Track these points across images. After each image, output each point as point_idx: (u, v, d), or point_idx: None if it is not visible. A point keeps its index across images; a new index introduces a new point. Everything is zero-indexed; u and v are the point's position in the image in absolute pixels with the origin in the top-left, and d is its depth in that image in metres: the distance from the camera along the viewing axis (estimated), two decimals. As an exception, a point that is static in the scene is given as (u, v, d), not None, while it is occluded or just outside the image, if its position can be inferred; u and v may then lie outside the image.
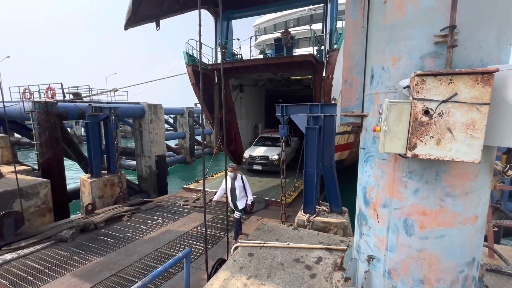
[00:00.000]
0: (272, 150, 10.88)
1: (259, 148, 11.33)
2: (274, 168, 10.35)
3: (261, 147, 11.37)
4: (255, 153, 10.91)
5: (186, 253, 2.92)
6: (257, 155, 10.76)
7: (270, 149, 10.98)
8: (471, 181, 1.79)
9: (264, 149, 11.24)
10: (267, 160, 10.59)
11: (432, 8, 1.73)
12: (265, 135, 12.53)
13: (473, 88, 1.48)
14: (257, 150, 11.06)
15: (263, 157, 10.67)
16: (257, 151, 11.06)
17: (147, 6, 7.93)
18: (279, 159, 9.79)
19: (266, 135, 12.40)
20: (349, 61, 2.39)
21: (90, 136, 7.93)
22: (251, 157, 10.84)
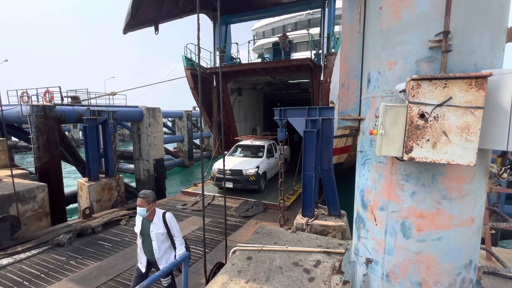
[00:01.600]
0: (248, 163, 8.89)
1: (232, 159, 9.41)
2: (248, 185, 8.37)
3: (235, 158, 9.61)
4: (228, 166, 8.66)
5: (184, 257, 2.91)
6: (228, 168, 8.50)
7: (246, 161, 9.07)
8: (467, 184, 1.81)
9: (239, 160, 9.27)
10: (240, 175, 8.43)
11: (426, 14, 1.77)
12: (244, 142, 10.35)
13: (467, 92, 1.50)
14: (229, 162, 9.01)
15: (236, 172, 8.47)
16: (229, 163, 8.92)
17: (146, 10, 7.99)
18: (256, 174, 8.34)
19: (245, 143, 10.26)
20: (346, 65, 2.42)
21: (88, 139, 7.91)
22: (220, 171, 8.33)
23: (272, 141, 10.55)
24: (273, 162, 9.76)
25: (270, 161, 9.47)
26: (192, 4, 9.11)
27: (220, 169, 8.54)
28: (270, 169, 9.49)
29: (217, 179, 8.80)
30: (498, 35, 1.75)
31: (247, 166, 8.66)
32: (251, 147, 10.08)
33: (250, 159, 9.21)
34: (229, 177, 8.42)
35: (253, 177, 8.40)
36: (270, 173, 9.64)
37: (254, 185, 8.46)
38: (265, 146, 9.75)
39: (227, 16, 11.37)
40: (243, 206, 7.60)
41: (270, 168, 9.48)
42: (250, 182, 8.44)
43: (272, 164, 9.65)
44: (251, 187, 8.50)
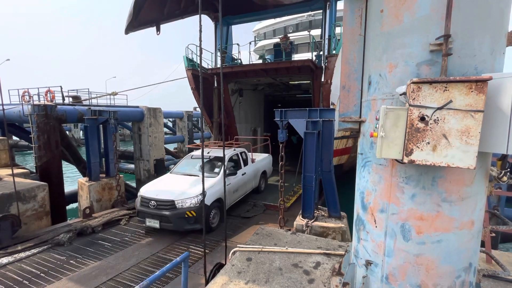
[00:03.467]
0: (190, 187, 6.03)
1: (169, 180, 6.65)
2: (185, 225, 5.61)
3: (175, 178, 6.70)
4: (153, 191, 6.01)
5: (184, 257, 2.91)
6: (154, 197, 5.82)
7: (188, 184, 6.18)
8: (467, 187, 1.82)
9: (177, 182, 6.38)
10: (172, 208, 5.61)
11: (427, 17, 1.78)
12: (198, 153, 7.69)
13: (468, 96, 1.51)
14: (161, 185, 6.37)
15: (164, 203, 5.69)
16: (160, 186, 6.29)
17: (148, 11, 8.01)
18: (198, 207, 5.60)
19: (198, 154, 7.47)
20: (347, 67, 2.43)
21: (89, 139, 7.92)
22: (144, 200, 5.90)
23: (242, 149, 8.10)
24: (238, 181, 7.11)
25: (234, 180, 6.87)
26: (193, 5, 9.14)
27: (146, 197, 5.86)
28: (233, 191, 6.88)
29: (141, 213, 5.89)
30: (499, 39, 1.76)
31: (184, 194, 5.74)
32: (206, 160, 7.13)
33: (197, 180, 6.20)
34: (152, 212, 5.69)
35: (193, 212, 5.57)
36: (234, 198, 7.03)
37: (195, 224, 5.64)
38: (225, 159, 6.75)
39: (229, 17, 11.40)
40: (243, 207, 7.60)
41: (234, 190, 6.85)
42: (188, 220, 5.59)
43: (237, 183, 7.05)
44: (189, 228, 5.64)
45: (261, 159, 9.04)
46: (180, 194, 5.80)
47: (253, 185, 8.29)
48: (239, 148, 8.14)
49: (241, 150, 8.15)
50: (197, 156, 7.56)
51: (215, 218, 6.25)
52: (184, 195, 5.79)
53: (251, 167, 8.17)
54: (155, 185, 6.48)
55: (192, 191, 5.87)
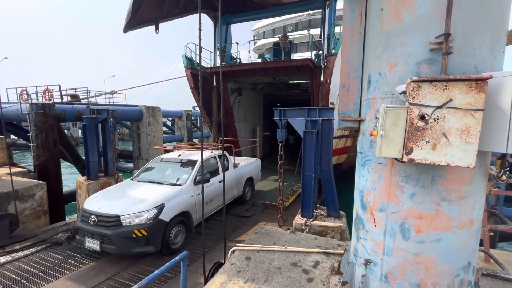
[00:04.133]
0: (148, 196, 4.99)
1: (122, 190, 5.59)
2: (132, 247, 4.50)
3: (132, 187, 5.65)
4: (98, 203, 5.01)
5: (183, 256, 2.91)
6: (96, 210, 4.77)
7: (146, 194, 5.13)
8: (467, 186, 1.82)
9: (133, 191, 5.38)
10: (116, 225, 4.52)
11: (427, 16, 1.77)
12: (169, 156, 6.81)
13: (468, 95, 1.51)
14: (111, 195, 5.41)
15: (106, 219, 4.61)
16: (109, 197, 5.32)
17: (147, 9, 7.98)
18: (152, 224, 4.54)
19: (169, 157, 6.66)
20: (347, 66, 2.43)
21: (87, 138, 7.89)
22: (84, 214, 4.85)
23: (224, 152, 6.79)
24: (214, 189, 6.07)
25: (208, 189, 5.68)
26: (193, 3, 9.11)
27: (87, 210, 4.81)
28: (207, 202, 5.70)
29: (80, 230, 4.83)
30: (499, 37, 1.76)
31: (133, 207, 4.64)
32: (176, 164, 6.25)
33: (159, 189, 5.24)
34: (91, 229, 4.59)
35: (143, 231, 4.43)
36: (207, 210, 5.92)
37: (146, 246, 4.52)
38: (198, 163, 5.96)
39: (228, 16, 11.37)
40: (242, 206, 7.60)
41: (207, 200, 5.75)
42: (136, 241, 4.45)
43: (212, 192, 6.01)
44: (138, 251, 4.50)
45: (246, 164, 7.99)
46: (128, 207, 4.65)
47: (234, 194, 7.26)
48: (218, 151, 6.99)
49: (219, 153, 6.85)
50: (168, 160, 6.49)
51: (178, 237, 5.08)
52: (133, 208, 4.63)
53: (232, 173, 7.08)
54: (105, 194, 5.40)
55: (145, 204, 4.70)
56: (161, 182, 5.68)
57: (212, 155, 6.75)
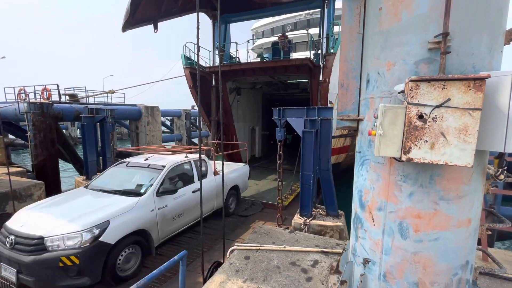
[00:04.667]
0: (91, 211, 4.00)
1: (65, 201, 4.55)
2: (54, 279, 3.43)
3: (80, 197, 4.68)
4: (23, 219, 3.93)
5: (181, 256, 2.90)
6: (17, 228, 3.71)
7: (92, 207, 4.17)
8: (465, 185, 1.82)
9: (76, 204, 4.43)
10: (37, 249, 3.45)
11: (426, 16, 1.77)
12: (135, 160, 5.80)
13: (466, 94, 1.51)
14: (47, 208, 4.28)
15: (27, 240, 3.54)
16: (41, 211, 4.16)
17: (145, 8, 7.96)
18: (87, 250, 3.50)
19: (135, 161, 5.70)
20: (346, 65, 2.43)
21: (86, 137, 7.88)
22: (3, 233, 3.84)
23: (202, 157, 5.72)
24: (185, 201, 5.21)
25: (175, 201, 4.96)
26: (191, 3, 9.10)
27: (8, 228, 3.81)
28: (174, 217, 4.93)
29: None
30: (497, 37, 1.76)
31: (64, 227, 3.62)
32: (143, 169, 5.29)
33: (111, 201, 4.31)
34: (7, 254, 3.56)
35: (73, 259, 3.43)
36: (176, 226, 5.07)
37: (79, 277, 3.51)
38: (165, 169, 5.08)
39: (227, 15, 11.35)
40: (241, 205, 7.60)
41: (175, 215, 4.95)
42: (65, 271, 3.47)
43: (183, 205, 5.15)
44: (67, 285, 3.47)
45: (230, 171, 7.01)
46: (58, 226, 3.60)
47: (214, 206, 6.31)
48: (192, 155, 6.16)
49: (196, 157, 5.93)
50: (135, 164, 5.50)
51: (130, 262, 4.13)
52: (65, 227, 3.58)
53: (211, 182, 6.12)
54: (43, 206, 4.34)
55: (83, 221, 3.66)
56: (117, 192, 4.69)
57: (185, 160, 5.75)
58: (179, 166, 5.56)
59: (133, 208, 4.24)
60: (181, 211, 5.16)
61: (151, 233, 4.45)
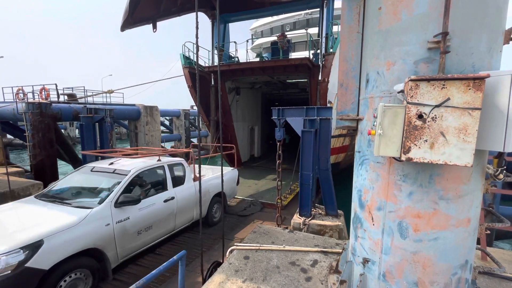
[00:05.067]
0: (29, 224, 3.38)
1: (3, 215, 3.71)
2: None
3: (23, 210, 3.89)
4: None
5: (180, 256, 2.90)
6: None
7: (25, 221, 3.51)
8: (464, 185, 1.82)
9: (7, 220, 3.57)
10: None
11: (425, 15, 1.77)
12: (100, 164, 5.05)
13: (465, 94, 1.51)
14: None
15: None
16: None
17: (144, 7, 7.94)
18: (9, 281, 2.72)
19: (100, 166, 4.96)
20: (345, 65, 2.42)
21: (84, 137, 7.85)
22: None
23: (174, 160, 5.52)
24: (155, 212, 4.54)
25: (140, 212, 4.29)
26: (190, 2, 9.08)
27: None
28: (139, 232, 4.28)
29: None
30: (496, 37, 1.76)
31: None
32: (106, 175, 4.65)
33: (48, 214, 3.66)
34: None
35: None
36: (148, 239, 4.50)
37: None
38: (129, 176, 4.37)
39: (226, 15, 11.35)
40: (240, 205, 7.60)
41: (141, 228, 4.30)
42: None
43: (150, 217, 4.45)
44: None
45: (214, 177, 6.27)
46: None
47: (193, 216, 5.58)
48: (167, 158, 5.54)
49: (171, 161, 5.43)
50: (101, 169, 4.80)
51: None
52: None
53: (189, 188, 5.45)
54: None
55: (6, 243, 2.97)
56: (70, 202, 4.03)
57: (156, 165, 5.00)
58: (149, 171, 4.85)
59: (80, 222, 3.49)
60: (149, 224, 4.45)
61: (107, 252, 3.76)
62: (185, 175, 5.60)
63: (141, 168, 4.70)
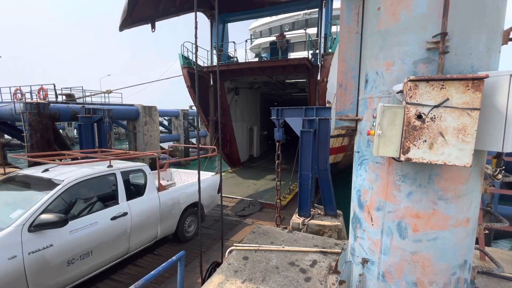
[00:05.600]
0: None
1: None
2: None
3: None
4: None
5: (180, 256, 2.89)
6: None
7: None
8: (463, 185, 1.83)
9: None
10: None
11: (424, 15, 1.77)
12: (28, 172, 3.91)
13: (464, 94, 1.51)
14: None
15: None
16: None
17: (143, 7, 7.92)
18: None
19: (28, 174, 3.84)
20: (344, 65, 2.42)
21: (83, 138, 7.83)
22: None
23: (131, 166, 4.44)
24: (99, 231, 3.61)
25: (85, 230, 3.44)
26: (189, 2, 9.07)
27: None
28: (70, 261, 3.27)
29: None
30: (495, 37, 1.77)
31: None
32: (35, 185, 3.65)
33: None
34: None
35: None
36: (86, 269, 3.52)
37: None
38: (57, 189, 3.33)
39: (225, 14, 11.34)
40: (239, 205, 7.59)
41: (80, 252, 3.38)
42: None
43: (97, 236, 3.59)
44: None
45: (188, 184, 5.40)
46: None
47: (156, 234, 4.62)
48: (124, 164, 4.45)
49: (128, 167, 4.37)
50: (29, 179, 3.79)
51: None
52: None
53: (152, 200, 4.49)
54: None
55: None
56: None
57: (104, 172, 3.96)
58: (92, 181, 3.81)
59: None
60: (87, 249, 3.47)
61: None
62: (146, 184, 4.53)
63: (80, 177, 3.62)
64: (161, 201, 4.65)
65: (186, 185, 5.37)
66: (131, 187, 4.58)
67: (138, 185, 4.75)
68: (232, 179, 10.75)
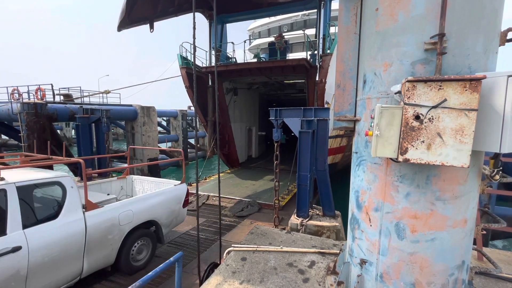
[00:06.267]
0: None
1: None
2: None
3: None
4: None
5: (177, 257, 2.87)
6: None
7: None
8: (461, 185, 1.83)
9: None
10: None
11: (422, 16, 1.78)
12: None
13: (462, 95, 1.51)
14: None
15: None
16: None
17: (141, 7, 7.90)
18: None
19: None
20: (342, 66, 2.43)
21: (80, 138, 7.80)
22: None
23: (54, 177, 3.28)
24: None
25: None
26: (188, 2, 9.05)
27: None
28: None
29: None
30: (492, 38, 1.77)
31: None
32: None
33: None
34: None
35: None
36: None
37: None
38: None
39: (223, 15, 11.34)
40: (237, 206, 7.58)
41: None
42: None
43: None
44: None
45: (137, 199, 4.24)
46: None
47: (80, 271, 3.45)
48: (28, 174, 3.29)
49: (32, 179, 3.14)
50: None
51: None
52: None
53: (74, 223, 3.33)
54: None
55: None
56: None
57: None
58: None
59: None
60: None
61: None
62: (64, 202, 3.33)
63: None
64: (88, 224, 3.45)
65: (135, 199, 4.17)
66: (34, 208, 3.12)
67: (49, 204, 3.34)
68: (231, 179, 10.74)
